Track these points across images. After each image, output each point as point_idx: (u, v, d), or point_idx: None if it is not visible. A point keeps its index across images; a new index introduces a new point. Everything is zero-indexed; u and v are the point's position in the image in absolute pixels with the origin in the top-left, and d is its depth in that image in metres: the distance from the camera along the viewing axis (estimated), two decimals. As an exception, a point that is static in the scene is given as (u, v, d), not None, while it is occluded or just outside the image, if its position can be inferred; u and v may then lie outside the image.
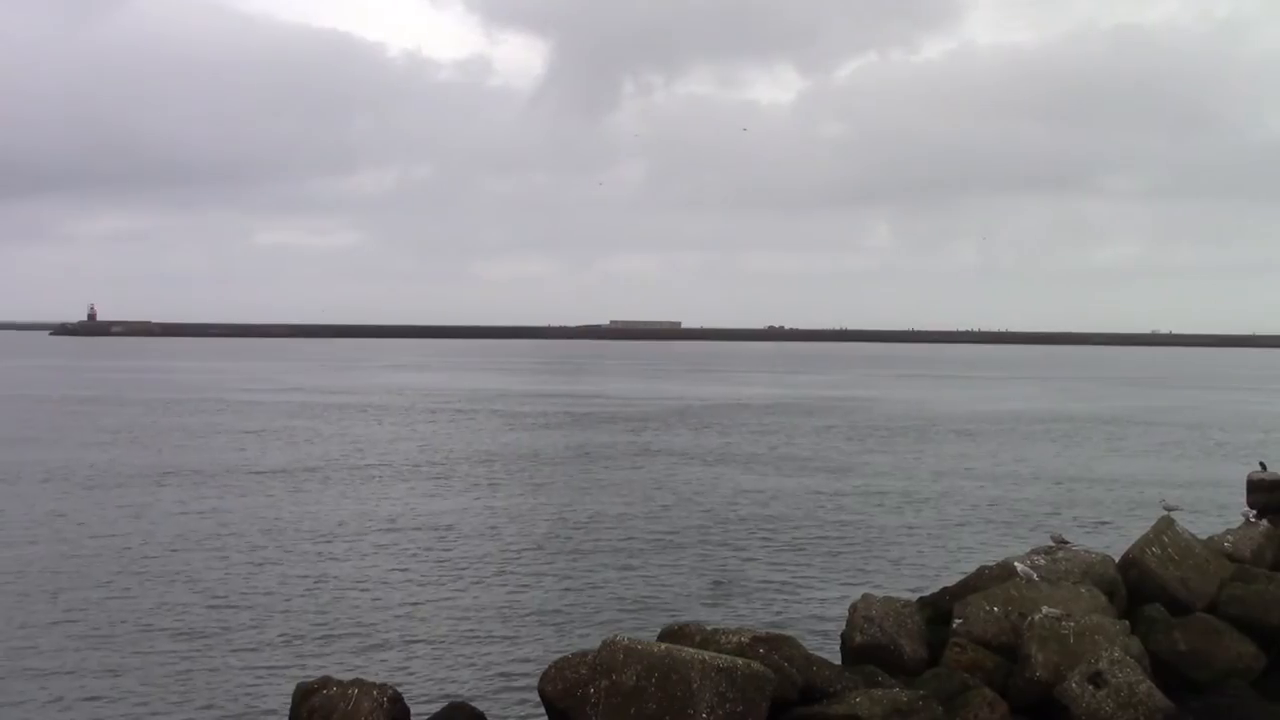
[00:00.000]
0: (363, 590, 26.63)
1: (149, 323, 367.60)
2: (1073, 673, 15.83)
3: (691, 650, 14.67)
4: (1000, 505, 40.07)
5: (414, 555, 30.64)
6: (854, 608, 18.14)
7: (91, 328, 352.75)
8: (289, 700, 16.20)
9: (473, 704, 16.58)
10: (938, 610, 18.79)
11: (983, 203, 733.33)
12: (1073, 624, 16.68)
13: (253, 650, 21.85)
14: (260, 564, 29.27)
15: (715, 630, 16.41)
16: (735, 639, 15.80)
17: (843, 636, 18.16)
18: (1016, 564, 18.97)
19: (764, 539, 33.36)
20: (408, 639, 22.77)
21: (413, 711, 15.71)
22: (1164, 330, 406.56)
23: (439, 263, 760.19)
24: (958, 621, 17.66)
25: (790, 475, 47.12)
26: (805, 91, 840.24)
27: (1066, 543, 20.64)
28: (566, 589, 27.04)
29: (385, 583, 27.41)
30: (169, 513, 36.53)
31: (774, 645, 15.73)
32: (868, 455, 55.01)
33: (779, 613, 24.89)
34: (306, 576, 27.92)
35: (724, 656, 14.55)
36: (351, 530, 33.99)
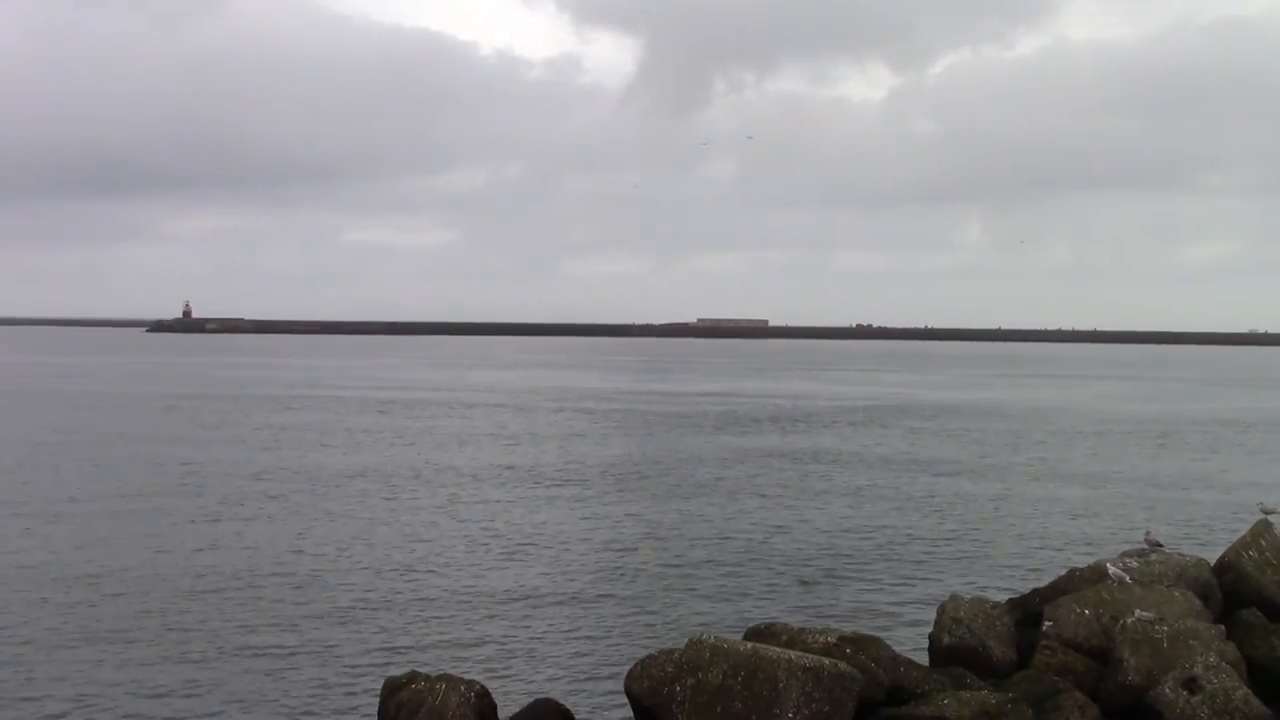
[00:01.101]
0: (451, 586, 26.82)
1: (242, 320, 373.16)
2: (1166, 678, 15.59)
3: (778, 649, 14.64)
4: (1092, 506, 39.51)
5: (502, 552, 30.82)
6: (942, 608, 18.01)
7: (186, 324, 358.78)
8: (377, 694, 16.38)
9: (559, 701, 16.66)
10: (1027, 612, 18.60)
11: (1076, 200, 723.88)
12: (1166, 628, 16.43)
13: (341, 645, 22.09)
14: (349, 559, 29.59)
15: (802, 630, 16.37)
16: (822, 639, 15.75)
17: (930, 637, 18.04)
18: (1108, 566, 18.73)
19: (852, 538, 33.17)
20: (496, 635, 22.91)
21: (499, 707, 15.82)
22: (1263, 329, 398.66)
23: (528, 261, 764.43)
24: (1048, 624, 17.46)
25: (879, 474, 46.79)
26: (897, 88, 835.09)
27: (1160, 545, 20.33)
28: (653, 587, 27.07)
29: (473, 578, 27.60)
30: (260, 508, 37.03)
31: (861, 645, 15.66)
32: (957, 454, 54.48)
33: (866, 612, 24.73)
34: (395, 571, 28.18)
35: (810, 656, 14.50)
36: (440, 527, 34.26)
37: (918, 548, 31.99)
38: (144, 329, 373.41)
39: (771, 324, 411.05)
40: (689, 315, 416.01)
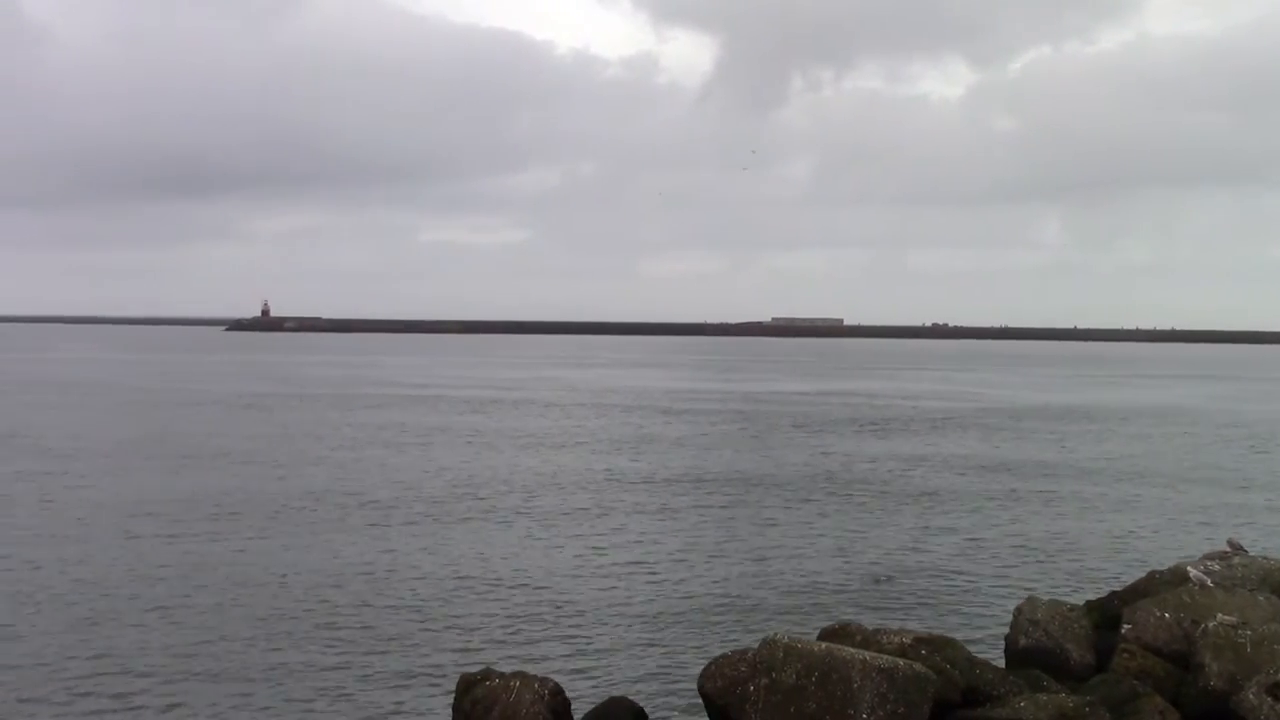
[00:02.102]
0: (525, 583, 26.94)
1: (319, 318, 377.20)
2: (1250, 683, 15.32)
3: (852, 650, 14.57)
4: (1174, 509, 38.96)
5: (577, 550, 30.90)
6: (1018, 610, 17.83)
7: (265, 323, 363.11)
8: (452, 691, 16.48)
9: (633, 699, 16.67)
10: (1105, 615, 18.35)
11: (1159, 197, 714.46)
12: (1250, 632, 16.14)
13: (417, 642, 22.26)
14: (426, 557, 29.79)
15: (876, 630, 16.28)
16: (897, 639, 15.65)
17: (1006, 639, 17.87)
18: (1190, 569, 18.44)
19: (928, 538, 32.94)
20: (570, 633, 22.98)
21: (573, 705, 15.86)
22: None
23: (603, 260, 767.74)
24: (1127, 627, 17.22)
25: (956, 475, 46.43)
26: (976, 85, 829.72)
27: (1243, 549, 20.00)
28: (727, 586, 27.03)
29: (548, 576, 27.70)
30: (339, 506, 37.40)
31: (936, 646, 15.54)
32: (1037, 455, 53.93)
33: (941, 613, 24.55)
34: (470, 570, 28.35)
35: (885, 657, 14.41)
36: (515, 527, 34.42)
37: (995, 548, 31.71)
38: (223, 328, 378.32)
39: (846, 323, 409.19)
40: (763, 314, 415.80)
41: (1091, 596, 21.27)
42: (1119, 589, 19.93)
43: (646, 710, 16.42)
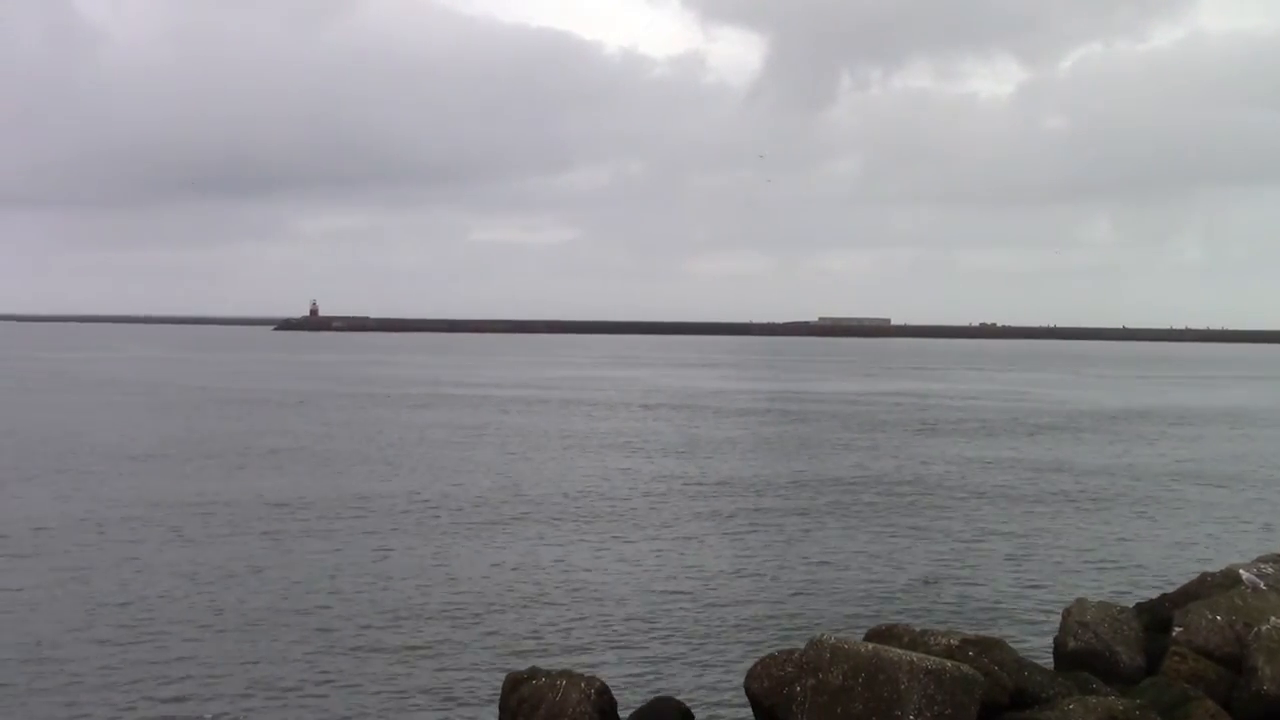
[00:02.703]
0: (571, 583, 27.00)
1: (367, 318, 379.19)
2: (1302, 686, 15.16)
3: (899, 651, 14.50)
4: (1226, 510, 38.59)
5: (624, 550, 30.94)
6: (1067, 612, 17.69)
7: (313, 323, 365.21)
8: (498, 689, 16.53)
9: (679, 699, 16.67)
10: (1156, 617, 18.18)
11: (1211, 196, 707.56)
12: (1303, 636, 15.96)
13: (464, 640, 22.35)
14: (471, 555, 29.92)
15: (924, 631, 16.20)
16: (944, 640, 15.57)
17: (1055, 641, 17.73)
18: (1242, 572, 18.25)
19: (976, 539, 32.78)
20: (616, 632, 23.01)
21: (619, 704, 15.87)
22: None
23: (651, 259, 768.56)
24: (1178, 630, 17.05)
25: (1006, 474, 46.16)
26: (1026, 83, 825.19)
27: (1296, 551, 19.77)
28: (774, 586, 27.00)
29: (594, 575, 27.75)
30: (385, 505, 37.60)
31: (984, 648, 15.45)
32: (1087, 456, 53.55)
33: (989, 615, 24.42)
34: (516, 568, 28.44)
35: (933, 658, 14.34)
36: (562, 525, 34.50)
37: (1044, 549, 31.50)
38: (271, 327, 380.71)
39: (893, 323, 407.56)
40: (810, 314, 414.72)
41: (1142, 598, 21.11)
42: (1170, 591, 19.75)
43: (692, 710, 16.41)
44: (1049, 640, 18.79)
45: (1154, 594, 21.47)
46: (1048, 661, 17.47)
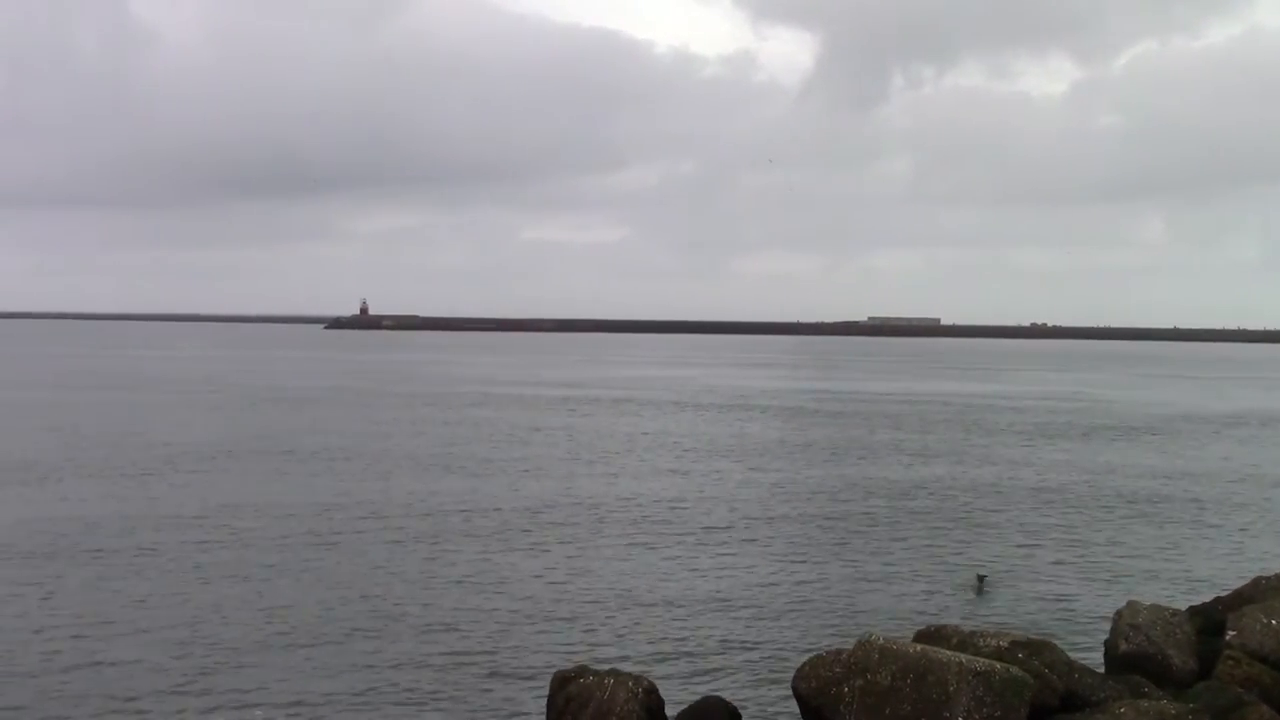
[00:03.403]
0: (620, 582, 27.03)
1: (416, 316, 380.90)
2: (1358, 691, 14.96)
3: (948, 652, 14.43)
4: (1280, 512, 38.18)
5: (672, 549, 30.95)
6: (1119, 614, 17.55)
7: (363, 321, 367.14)
8: (547, 687, 16.57)
9: (726, 698, 16.65)
10: (1209, 620, 18.00)
11: (1266, 194, 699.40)
12: (1359, 640, 15.76)
13: (511, 638, 22.41)
14: (521, 552, 30.00)
15: (973, 632, 16.11)
16: (994, 642, 15.47)
17: (1106, 644, 17.58)
18: (1297, 575, 18.03)
19: (1025, 540, 32.57)
20: (664, 632, 23.01)
21: (667, 703, 15.87)
22: None
23: (700, 258, 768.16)
24: (1231, 633, 16.88)
25: (1055, 476, 45.83)
26: (1080, 82, 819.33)
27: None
28: (822, 586, 26.92)
29: (643, 575, 27.77)
30: (434, 502, 37.77)
31: (1034, 650, 15.35)
32: (1140, 457, 53.07)
33: (1039, 616, 24.26)
34: (565, 567, 28.51)
35: (982, 660, 14.26)
36: (611, 523, 34.55)
37: (1096, 551, 31.26)
38: (322, 326, 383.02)
39: (944, 323, 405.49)
40: (860, 314, 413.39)
41: (1194, 601, 20.89)
42: (1223, 594, 19.55)
43: (740, 709, 16.39)
44: (1100, 643, 18.63)
45: (1207, 597, 21.26)
46: (1098, 664, 17.34)
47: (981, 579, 27.29)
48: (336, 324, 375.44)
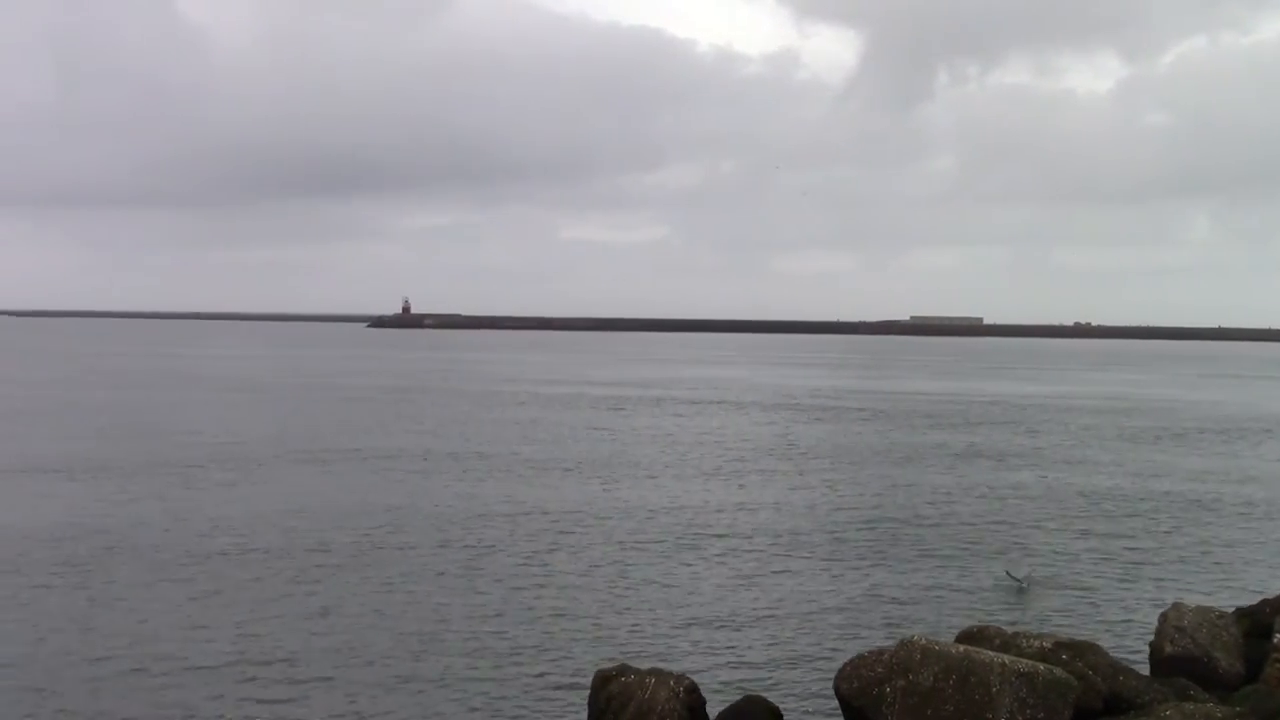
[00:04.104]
0: (662, 582, 27.03)
1: (458, 315, 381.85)
2: None
3: (991, 653, 14.37)
4: (1328, 514, 37.73)
5: (713, 549, 30.91)
6: (1164, 616, 17.42)
7: (405, 320, 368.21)
8: (588, 686, 16.60)
9: (768, 698, 16.63)
10: (1256, 623, 17.84)
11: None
12: None
13: (554, 637, 22.45)
14: (563, 552, 30.04)
15: (1016, 634, 16.03)
16: (1037, 643, 15.40)
17: (1151, 646, 17.47)
18: (1345, 577, 17.85)
19: (1069, 541, 32.35)
20: (706, 631, 22.99)
21: (708, 702, 15.86)
22: None
23: (741, 257, 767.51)
24: (1279, 636, 16.73)
25: (1098, 477, 45.49)
26: (1126, 79, 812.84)
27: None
28: (864, 587, 26.83)
29: (684, 575, 27.76)
30: (475, 502, 37.89)
31: (1078, 651, 15.26)
32: (1187, 458, 52.60)
33: (1083, 618, 24.10)
34: (607, 566, 28.54)
35: (1025, 661, 14.19)
36: (654, 523, 34.55)
37: (1142, 552, 31.02)
38: (365, 324, 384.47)
39: (986, 322, 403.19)
40: (901, 313, 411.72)
41: (1241, 604, 20.71)
42: (1270, 596, 19.38)
43: (781, 709, 16.36)
44: (1145, 645, 18.51)
45: (1254, 599, 21.06)
46: (1143, 667, 17.22)
47: (1022, 580, 27.12)
48: (379, 323, 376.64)
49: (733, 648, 21.89)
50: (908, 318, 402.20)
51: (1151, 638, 17.67)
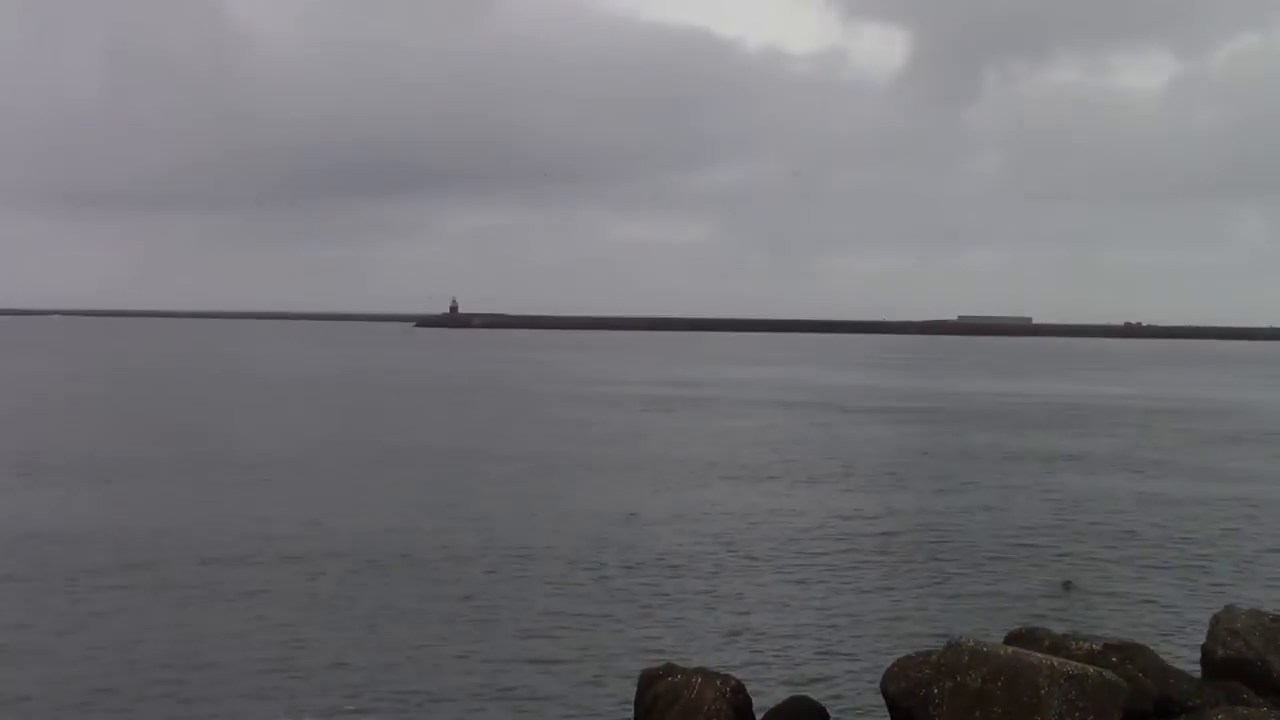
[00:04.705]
0: (709, 582, 27.01)
1: (506, 315, 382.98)
2: None
3: (1040, 655, 14.28)
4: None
5: (760, 550, 30.86)
6: (1216, 619, 17.24)
7: (453, 319, 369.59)
8: (634, 686, 16.61)
9: (814, 698, 16.59)
10: (1312, 627, 17.62)
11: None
12: None
13: (599, 636, 22.49)
14: (610, 551, 30.06)
15: (1065, 635, 15.93)
16: (1086, 646, 15.29)
17: (1203, 649, 17.28)
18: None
19: (1120, 543, 32.07)
20: (752, 631, 22.96)
21: (754, 703, 15.84)
22: None
23: (788, 256, 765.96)
24: (1334, 640, 16.53)
25: (1149, 479, 45.09)
26: (1177, 76, 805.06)
27: None
28: (912, 587, 26.72)
29: (731, 576, 27.73)
30: (522, 503, 38.02)
31: (1128, 654, 15.15)
32: (1240, 460, 52.05)
33: (1133, 620, 23.89)
34: (654, 566, 28.54)
35: (1074, 663, 14.10)
36: (701, 524, 34.52)
37: (1194, 553, 30.72)
38: (412, 324, 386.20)
39: (1035, 321, 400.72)
40: (949, 312, 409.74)
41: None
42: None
43: (828, 710, 16.32)
44: (1197, 648, 18.33)
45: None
46: (1195, 670, 17.05)
47: (1069, 583, 26.92)
48: (426, 322, 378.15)
49: (779, 648, 21.85)
50: (955, 317, 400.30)
51: (1203, 641, 17.49)
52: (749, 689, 15.93)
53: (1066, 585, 26.88)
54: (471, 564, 28.49)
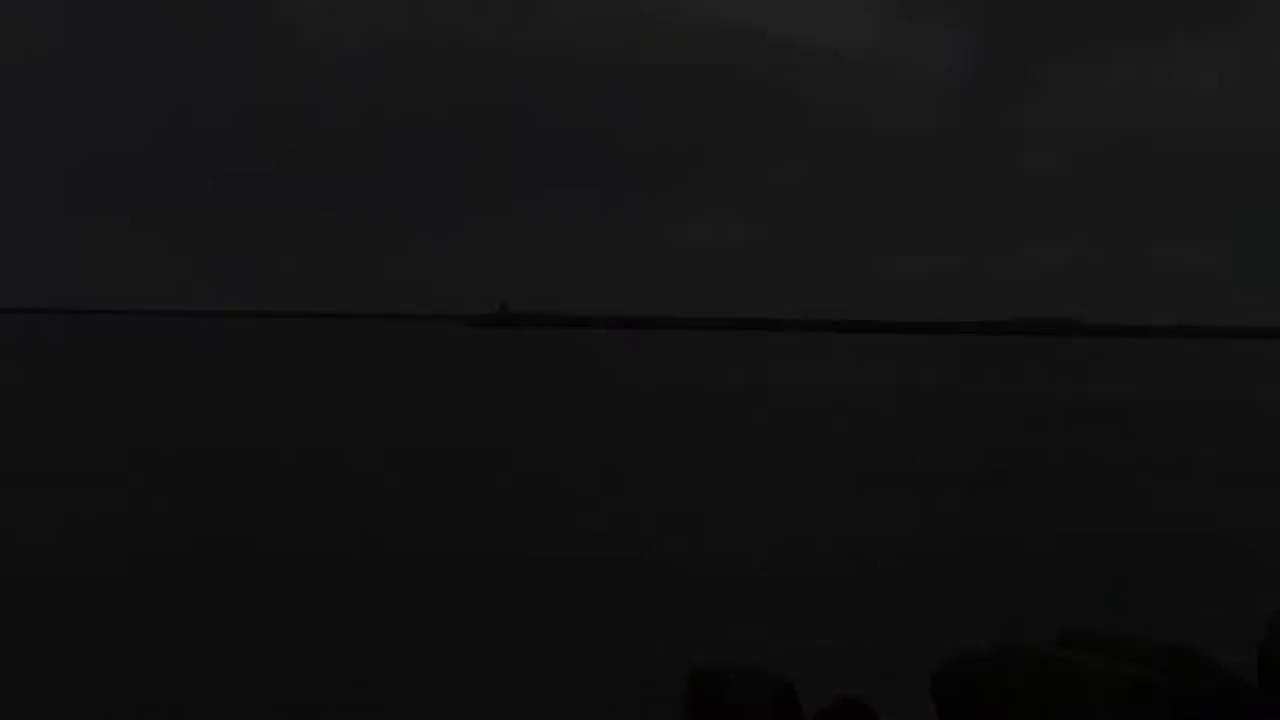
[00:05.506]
0: (757, 579, 26.95)
1: (555, 314, 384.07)
2: None
3: (1091, 658, 14.17)
4: None
5: (812, 547, 30.77)
6: (1272, 622, 17.04)
7: (503, 319, 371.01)
8: (682, 684, 16.59)
9: (863, 700, 16.51)
10: (1373, 630, 17.37)
11: None
12: None
13: (646, 634, 22.47)
14: (653, 549, 30.06)
15: (1117, 638, 15.79)
16: (1139, 648, 15.15)
17: (1260, 653, 17.08)
18: None
19: (1177, 542, 31.76)
20: (800, 631, 22.88)
21: (803, 704, 15.78)
22: None
23: (844, 256, 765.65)
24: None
25: (1205, 480, 44.64)
26: (1237, 74, 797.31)
27: None
28: (964, 587, 26.55)
29: (780, 572, 27.66)
30: (570, 501, 38.09)
31: (1182, 657, 14.99)
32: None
33: (1188, 622, 23.63)
34: (701, 561, 28.51)
35: (1126, 666, 13.98)
36: (750, 520, 34.48)
37: (1253, 553, 30.37)
38: (462, 324, 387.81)
39: (1088, 321, 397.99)
40: (1003, 313, 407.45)
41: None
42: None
43: (877, 711, 16.23)
44: (1254, 652, 18.10)
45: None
46: (1251, 675, 16.85)
47: (1125, 585, 26.68)
48: (475, 322, 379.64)
49: (828, 647, 21.75)
50: (1008, 317, 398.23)
51: (1259, 645, 17.28)
52: (798, 690, 15.88)
53: (1119, 587, 26.62)
54: (517, 564, 28.55)
